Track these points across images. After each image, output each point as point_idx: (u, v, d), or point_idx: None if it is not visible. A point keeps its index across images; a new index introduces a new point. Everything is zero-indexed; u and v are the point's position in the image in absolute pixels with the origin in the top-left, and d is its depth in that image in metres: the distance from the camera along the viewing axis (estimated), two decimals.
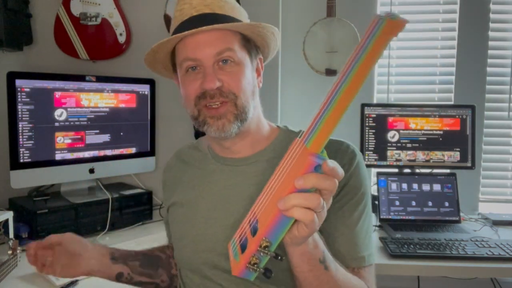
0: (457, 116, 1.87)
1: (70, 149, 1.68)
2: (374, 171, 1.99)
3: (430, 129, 1.87)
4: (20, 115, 1.53)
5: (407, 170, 1.87)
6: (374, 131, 1.88)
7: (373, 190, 1.84)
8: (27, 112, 1.55)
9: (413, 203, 1.78)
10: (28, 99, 1.54)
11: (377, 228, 1.71)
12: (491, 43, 2.02)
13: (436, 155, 1.87)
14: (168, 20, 1.89)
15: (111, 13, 1.88)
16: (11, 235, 1.42)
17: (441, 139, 1.87)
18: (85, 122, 1.71)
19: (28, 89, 1.54)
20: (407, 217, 1.76)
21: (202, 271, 0.89)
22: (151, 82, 1.88)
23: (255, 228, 0.62)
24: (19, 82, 1.52)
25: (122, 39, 1.91)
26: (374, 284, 0.86)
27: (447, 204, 1.77)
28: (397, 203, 1.78)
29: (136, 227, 1.75)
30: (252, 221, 0.65)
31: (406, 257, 1.41)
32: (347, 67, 0.54)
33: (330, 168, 0.57)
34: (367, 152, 1.87)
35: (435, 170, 1.87)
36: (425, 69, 2.08)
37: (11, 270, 1.28)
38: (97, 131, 1.74)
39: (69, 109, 1.66)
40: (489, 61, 2.03)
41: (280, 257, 0.61)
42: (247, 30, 0.87)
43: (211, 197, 0.91)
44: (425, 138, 1.87)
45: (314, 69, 1.94)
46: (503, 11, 2.02)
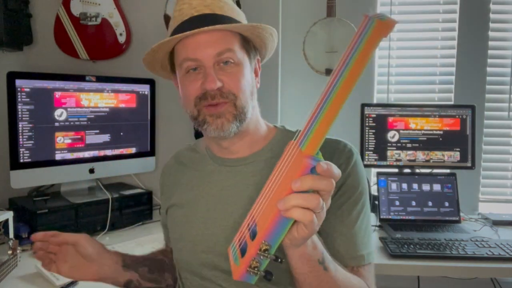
0: (457, 116, 1.87)
1: (70, 149, 1.68)
2: (374, 171, 1.99)
3: (430, 129, 1.87)
4: (20, 115, 1.53)
5: (407, 170, 1.87)
6: (374, 131, 1.88)
7: (373, 190, 1.84)
8: (27, 112, 1.55)
9: (413, 203, 1.77)
10: (28, 99, 1.55)
11: (377, 228, 1.71)
12: (491, 43, 2.02)
13: (436, 155, 1.87)
14: (168, 20, 1.89)
15: (111, 13, 1.88)
16: (11, 235, 1.42)
17: (441, 139, 1.87)
18: (85, 122, 1.71)
19: (28, 89, 1.55)
20: (407, 217, 1.76)
21: (202, 272, 0.89)
22: (151, 82, 1.88)
23: (254, 231, 0.62)
24: (19, 82, 1.52)
25: (122, 39, 1.91)
26: (374, 283, 0.86)
27: (447, 204, 1.77)
28: (397, 203, 1.78)
29: (136, 227, 1.75)
30: (250, 225, 0.65)
31: (406, 257, 1.41)
32: (339, 68, 0.54)
33: (324, 170, 0.57)
34: (367, 152, 1.87)
35: (435, 170, 1.87)
36: (425, 69, 2.08)
37: (11, 270, 1.28)
38: (97, 131, 1.74)
39: (69, 109, 1.66)
40: (489, 61, 2.03)
41: (280, 259, 0.61)
42: (247, 31, 0.87)
43: (209, 197, 0.91)
44: (425, 138, 1.87)
45: (314, 69, 1.94)
46: (503, 11, 2.02)
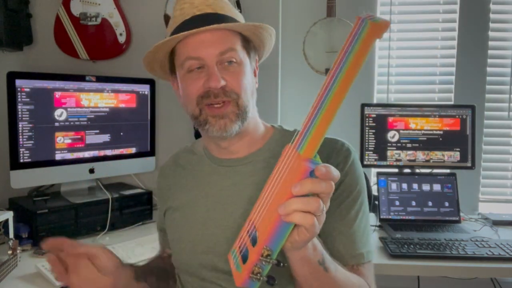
0: (457, 116, 1.87)
1: (70, 149, 1.68)
2: (374, 171, 1.99)
3: (430, 129, 1.87)
4: (20, 115, 1.53)
5: (407, 170, 1.87)
6: (374, 131, 1.88)
7: (373, 190, 1.84)
8: (27, 112, 1.55)
9: (413, 203, 1.77)
10: (28, 99, 1.54)
11: (377, 228, 1.71)
12: (491, 43, 2.02)
13: (436, 155, 1.87)
14: (168, 20, 1.89)
15: (111, 13, 1.88)
16: (11, 235, 1.42)
17: (441, 139, 1.87)
18: (85, 122, 1.71)
19: (28, 89, 1.54)
20: (407, 217, 1.75)
21: (201, 273, 0.88)
22: (151, 82, 1.88)
23: (255, 238, 0.62)
24: (19, 82, 1.52)
25: (122, 39, 1.91)
26: (374, 281, 0.86)
27: (447, 204, 1.77)
28: (397, 203, 1.78)
29: (136, 227, 1.75)
30: (250, 231, 0.65)
31: (406, 257, 1.41)
32: (334, 71, 0.54)
33: (323, 173, 0.57)
34: (367, 152, 1.87)
35: (435, 170, 1.87)
36: (425, 69, 2.08)
37: (11, 270, 1.28)
38: (97, 131, 1.74)
39: (69, 109, 1.66)
40: (489, 61, 2.03)
41: (282, 263, 0.61)
42: (249, 31, 0.87)
43: (208, 198, 0.90)
44: (425, 138, 1.87)
45: (314, 69, 1.94)
46: (503, 11, 2.02)
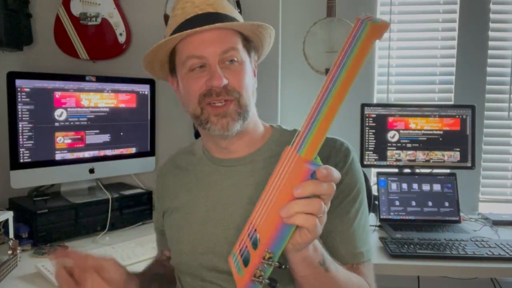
0: (457, 116, 1.87)
1: (70, 149, 1.68)
2: (374, 171, 1.99)
3: (430, 129, 1.87)
4: (20, 115, 1.53)
5: (407, 170, 1.87)
6: (374, 131, 1.88)
7: (373, 190, 1.84)
8: (27, 112, 1.55)
9: (413, 203, 1.77)
10: (28, 99, 1.54)
11: (377, 228, 1.71)
12: (491, 43, 2.02)
13: (436, 155, 1.87)
14: (168, 20, 1.89)
15: (111, 13, 1.88)
16: (11, 235, 1.42)
17: (441, 139, 1.87)
18: (85, 122, 1.71)
19: (28, 89, 1.54)
20: (407, 217, 1.76)
21: (201, 274, 0.88)
22: (151, 82, 1.88)
23: (256, 240, 0.62)
24: (19, 82, 1.52)
25: (122, 39, 1.91)
26: (374, 280, 0.86)
27: (447, 204, 1.77)
28: (397, 203, 1.78)
29: (136, 227, 1.75)
30: (251, 233, 0.65)
31: (406, 257, 1.41)
32: (334, 72, 0.54)
33: (324, 175, 0.57)
34: (367, 152, 1.87)
35: (435, 170, 1.87)
36: (425, 69, 2.08)
37: (11, 270, 1.28)
38: (97, 131, 1.74)
39: (69, 109, 1.66)
40: (489, 61, 2.03)
41: (284, 266, 0.62)
42: (250, 31, 0.88)
43: (208, 198, 0.90)
44: (425, 138, 1.87)
45: (314, 69, 1.94)
46: (503, 11, 2.02)
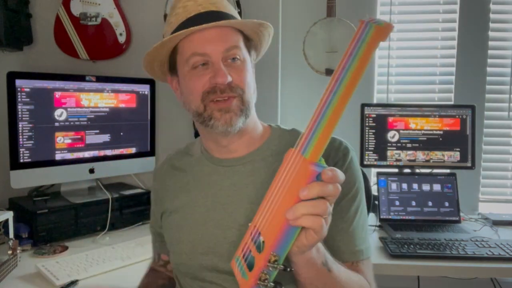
0: (457, 116, 1.87)
1: (70, 149, 1.68)
2: (374, 171, 1.99)
3: (430, 129, 1.87)
4: (20, 115, 1.53)
5: (407, 170, 1.87)
6: (374, 131, 1.88)
7: (373, 190, 1.84)
8: (27, 112, 1.55)
9: (413, 203, 1.77)
10: (28, 99, 1.54)
11: (377, 228, 1.71)
12: (491, 43, 2.02)
13: (436, 155, 1.87)
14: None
15: (111, 13, 1.88)
16: (11, 235, 1.42)
17: (441, 139, 1.87)
18: (85, 122, 1.71)
19: (28, 89, 1.54)
20: (407, 217, 1.76)
21: (201, 274, 0.88)
22: (151, 82, 1.88)
23: (261, 243, 0.62)
24: (19, 82, 1.52)
25: (122, 39, 1.91)
26: (373, 278, 0.86)
27: (447, 204, 1.77)
28: (397, 203, 1.78)
29: (136, 227, 1.75)
30: (255, 237, 0.65)
31: (406, 257, 1.41)
32: (338, 74, 0.55)
33: (330, 177, 0.57)
34: (367, 152, 1.87)
35: (435, 170, 1.87)
36: (425, 69, 2.08)
37: (11, 270, 1.28)
38: (97, 131, 1.74)
39: (69, 109, 1.66)
40: (489, 61, 2.03)
41: (290, 268, 0.62)
42: (251, 30, 0.88)
43: (208, 198, 0.90)
44: (425, 138, 1.87)
45: (314, 69, 1.94)
46: (503, 11, 2.02)
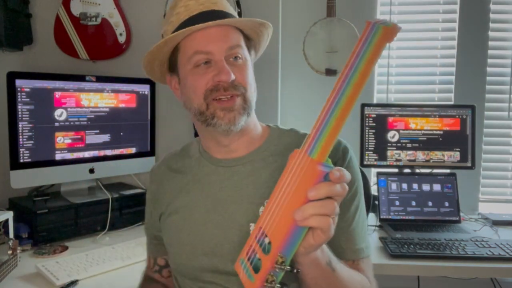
0: (457, 116, 1.87)
1: (70, 149, 1.68)
2: (374, 171, 1.99)
3: (430, 129, 1.87)
4: (20, 115, 1.53)
5: (407, 170, 1.87)
6: (374, 131, 1.88)
7: (373, 190, 1.84)
8: (27, 112, 1.55)
9: (413, 203, 1.77)
10: (28, 99, 1.54)
11: (377, 228, 1.71)
12: (491, 43, 2.02)
13: (436, 155, 1.87)
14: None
15: (111, 13, 1.88)
16: (11, 235, 1.42)
17: (441, 139, 1.87)
18: (85, 122, 1.71)
19: (28, 89, 1.54)
20: (407, 217, 1.76)
21: (201, 276, 0.87)
22: (151, 82, 1.88)
23: (267, 245, 0.62)
24: (19, 82, 1.52)
25: (122, 39, 1.91)
26: (373, 276, 0.87)
27: (447, 204, 1.77)
28: (397, 203, 1.78)
29: (136, 227, 1.74)
30: (260, 238, 0.64)
31: (406, 257, 1.41)
32: (346, 74, 0.55)
33: (337, 177, 0.58)
34: (367, 152, 1.87)
35: (435, 170, 1.87)
36: (425, 69, 2.08)
37: (11, 270, 1.28)
38: (97, 131, 1.74)
39: (69, 109, 1.66)
40: (489, 61, 2.03)
41: (296, 269, 0.62)
42: (251, 29, 0.89)
43: (208, 199, 0.90)
44: (425, 138, 1.87)
45: (314, 69, 1.94)
46: (503, 11, 2.02)
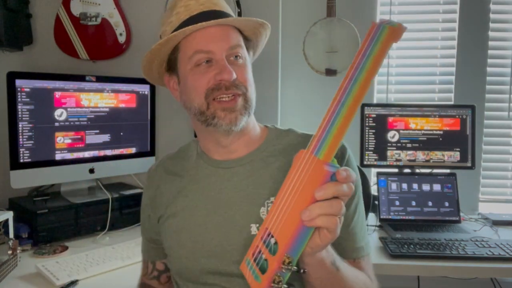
0: (457, 116, 1.87)
1: (70, 149, 1.68)
2: (374, 171, 1.99)
3: (430, 129, 1.87)
4: (20, 115, 1.53)
5: (407, 170, 1.87)
6: (374, 131, 1.88)
7: (373, 190, 1.84)
8: (27, 112, 1.55)
9: (413, 203, 1.77)
10: (28, 99, 1.54)
11: (377, 228, 1.71)
12: (491, 43, 2.02)
13: (436, 155, 1.87)
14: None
15: (111, 13, 1.88)
16: (11, 235, 1.42)
17: (441, 139, 1.87)
18: (85, 122, 1.71)
19: (28, 89, 1.54)
20: (407, 217, 1.76)
21: (202, 278, 0.87)
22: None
23: (273, 245, 0.62)
24: (19, 82, 1.52)
25: (122, 39, 1.91)
26: (373, 274, 0.87)
27: (447, 204, 1.77)
28: (397, 203, 1.78)
29: (136, 227, 1.74)
30: (266, 239, 0.64)
31: (406, 257, 1.41)
32: (352, 74, 0.55)
33: (344, 177, 0.58)
34: (367, 152, 1.87)
35: (435, 170, 1.87)
36: (425, 69, 2.08)
37: (11, 270, 1.28)
38: (97, 131, 1.74)
39: (69, 109, 1.66)
40: (489, 61, 2.03)
41: (303, 270, 0.62)
42: (250, 30, 0.89)
43: (208, 201, 0.89)
44: (425, 138, 1.87)
45: (314, 69, 1.94)
46: (503, 11, 2.02)
